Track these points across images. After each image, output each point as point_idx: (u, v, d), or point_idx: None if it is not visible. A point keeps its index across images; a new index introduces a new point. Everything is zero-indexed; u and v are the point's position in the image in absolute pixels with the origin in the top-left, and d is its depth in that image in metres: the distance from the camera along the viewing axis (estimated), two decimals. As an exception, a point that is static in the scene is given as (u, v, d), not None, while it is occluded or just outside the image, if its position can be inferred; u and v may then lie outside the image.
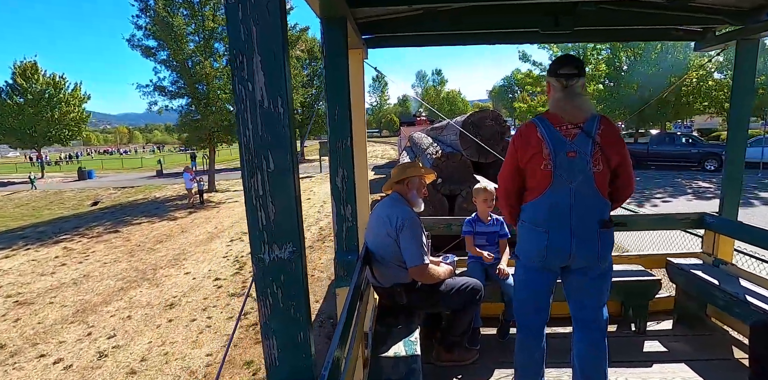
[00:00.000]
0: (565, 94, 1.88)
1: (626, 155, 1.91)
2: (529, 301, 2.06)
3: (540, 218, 1.90)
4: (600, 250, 1.88)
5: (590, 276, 1.94)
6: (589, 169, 1.82)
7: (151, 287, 8.04)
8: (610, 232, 1.91)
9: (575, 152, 1.82)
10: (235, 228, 11.99)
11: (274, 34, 1.00)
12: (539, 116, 1.93)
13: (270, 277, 1.10)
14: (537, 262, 1.96)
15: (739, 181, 3.01)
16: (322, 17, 2.17)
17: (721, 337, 2.80)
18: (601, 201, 1.87)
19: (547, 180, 1.85)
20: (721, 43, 3.12)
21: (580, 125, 1.84)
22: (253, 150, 1.05)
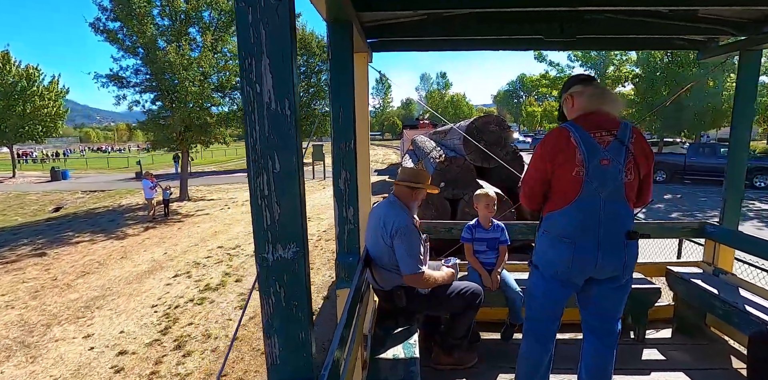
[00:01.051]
0: (598, 89, 1.88)
1: (652, 165, 1.89)
2: (546, 312, 2.01)
3: (567, 229, 1.83)
4: (626, 261, 1.83)
5: (612, 287, 1.90)
6: (621, 179, 1.78)
7: (24, 363, 5.29)
8: (636, 243, 1.86)
9: (609, 160, 1.77)
10: (188, 255, 9.29)
11: (283, 38, 1.02)
12: (571, 122, 1.87)
13: (273, 277, 1.12)
14: (561, 273, 1.89)
15: (740, 190, 3.02)
16: (329, 21, 2.20)
17: (719, 347, 2.80)
18: (629, 211, 1.82)
19: (576, 187, 1.79)
20: (724, 53, 3.14)
21: (614, 132, 1.80)
22: (260, 151, 1.06)
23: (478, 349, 2.77)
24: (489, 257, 2.87)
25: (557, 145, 1.81)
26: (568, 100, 1.95)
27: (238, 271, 8.16)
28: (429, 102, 67.92)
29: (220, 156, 43.26)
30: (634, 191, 1.84)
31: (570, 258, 1.83)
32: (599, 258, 1.80)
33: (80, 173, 30.04)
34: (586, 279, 1.91)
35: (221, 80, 15.14)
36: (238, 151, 45.32)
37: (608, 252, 1.80)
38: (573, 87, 1.92)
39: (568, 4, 2.31)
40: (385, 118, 75.79)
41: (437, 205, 5.25)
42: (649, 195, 1.95)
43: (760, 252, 2.76)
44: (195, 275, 8.06)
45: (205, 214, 13.84)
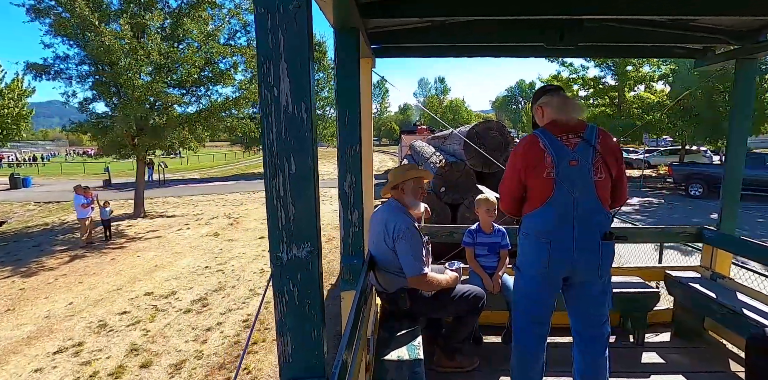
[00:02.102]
0: (562, 98, 1.99)
1: (623, 165, 1.96)
2: (530, 314, 2.05)
3: (543, 228, 1.91)
4: (600, 262, 1.89)
5: (592, 292, 1.95)
6: (591, 178, 1.86)
7: None
8: (611, 245, 1.92)
9: (577, 160, 1.86)
10: (99, 309, 6.61)
11: (301, 43, 1.05)
12: (540, 129, 1.98)
13: (287, 276, 1.14)
14: (540, 273, 1.96)
15: (737, 195, 3.07)
16: (336, 27, 2.24)
17: (718, 350, 2.83)
18: (602, 211, 1.89)
19: (549, 188, 1.88)
20: (721, 61, 3.20)
21: (581, 134, 1.90)
22: (276, 153, 1.09)
23: (479, 352, 2.79)
24: (490, 261, 2.90)
25: (528, 151, 1.93)
26: (539, 110, 2.06)
27: (154, 343, 5.42)
28: (427, 107, 67.86)
29: (207, 161, 41.72)
30: (606, 190, 1.90)
31: (548, 257, 1.90)
32: (575, 256, 1.87)
33: (49, 180, 26.93)
34: (566, 283, 1.97)
35: (183, 75, 12.70)
36: (227, 156, 44.05)
37: (584, 251, 1.87)
38: (541, 98, 2.04)
39: (568, 12, 2.37)
40: (382, 124, 75.19)
41: (438, 210, 5.29)
42: (624, 196, 2.03)
43: (757, 256, 2.80)
44: (87, 350, 5.33)
45: (156, 237, 11.19)
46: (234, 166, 36.07)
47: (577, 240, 1.86)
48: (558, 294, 2.04)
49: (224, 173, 29.81)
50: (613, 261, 1.96)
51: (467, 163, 5.36)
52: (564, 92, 2.04)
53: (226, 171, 31.72)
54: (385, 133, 75.00)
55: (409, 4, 2.38)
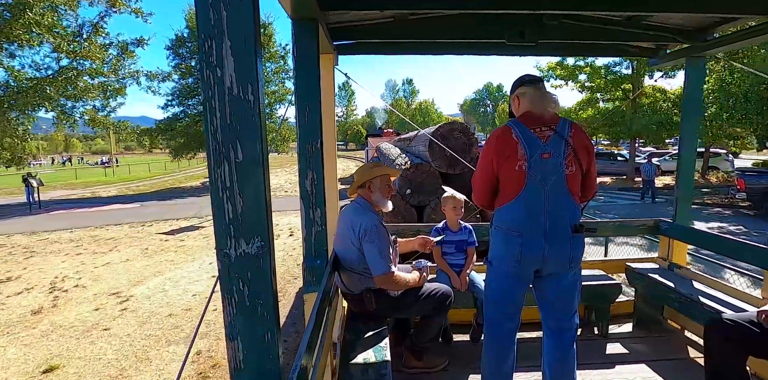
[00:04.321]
0: (540, 90, 1.98)
1: (594, 159, 1.97)
2: (501, 307, 2.04)
3: (514, 222, 1.90)
4: (571, 255, 1.89)
5: (562, 284, 1.96)
6: (563, 171, 1.85)
7: None
8: (581, 237, 1.93)
9: (549, 153, 1.85)
10: None
11: (246, 19, 0.97)
12: (513, 120, 1.96)
13: (236, 273, 1.05)
14: (511, 267, 1.94)
15: (690, 189, 3.19)
16: (294, 18, 2.15)
17: (677, 338, 2.91)
18: (573, 204, 1.89)
19: (521, 181, 1.86)
20: (673, 59, 3.33)
21: (553, 127, 1.89)
22: (221, 139, 1.00)
23: (448, 351, 2.75)
24: (458, 259, 2.87)
25: (500, 142, 1.90)
26: (515, 100, 2.04)
27: None
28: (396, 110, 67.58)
29: (143, 171, 35.56)
30: (577, 184, 1.90)
31: (519, 251, 1.89)
32: (546, 249, 1.86)
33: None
34: (537, 275, 1.97)
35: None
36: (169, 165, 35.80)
37: (555, 245, 1.86)
38: (519, 88, 2.02)
39: (527, 7, 2.38)
40: (348, 127, 73.29)
41: (403, 212, 5.25)
42: (593, 190, 2.04)
43: (710, 245, 2.92)
44: None
45: None
46: (171, 178, 29.87)
47: (548, 234, 1.85)
48: (528, 289, 2.03)
49: (149, 188, 23.29)
50: (583, 253, 1.97)
51: (432, 164, 5.36)
52: (543, 84, 2.02)
53: (154, 184, 25.37)
54: (352, 137, 72.68)
55: (368, -4, 2.32)
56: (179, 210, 14.84)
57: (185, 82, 23.02)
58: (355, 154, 56.02)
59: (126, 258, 8.75)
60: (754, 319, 1.89)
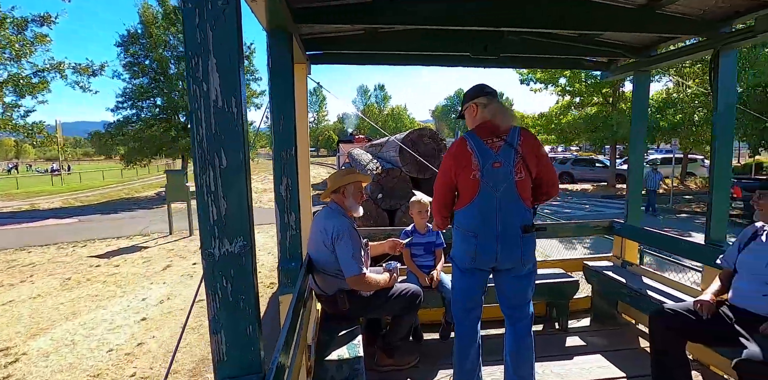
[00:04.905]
0: (497, 104, 2.15)
1: (546, 161, 2.13)
2: (463, 300, 2.23)
3: (470, 223, 2.09)
4: (522, 253, 2.07)
5: (516, 276, 2.14)
6: (513, 178, 2.03)
7: None
8: (532, 236, 2.11)
9: (500, 163, 2.02)
10: None
11: (230, 39, 1.07)
12: (468, 132, 2.15)
13: (219, 272, 1.13)
14: (468, 264, 2.14)
15: (639, 192, 3.46)
16: (269, 30, 2.25)
17: (629, 330, 3.14)
18: (522, 207, 2.06)
19: (475, 188, 2.04)
20: (623, 73, 3.61)
21: (504, 137, 2.06)
22: (206, 147, 1.09)
23: (419, 349, 2.87)
24: (426, 260, 3.00)
25: (457, 153, 2.09)
26: (473, 107, 2.19)
27: None
28: (367, 116, 66.37)
29: (98, 180, 31.85)
30: (526, 189, 2.07)
31: (474, 249, 2.08)
32: (499, 250, 2.04)
33: None
34: (495, 270, 2.15)
35: None
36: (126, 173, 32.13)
37: (506, 245, 2.04)
38: (478, 98, 2.17)
39: (490, 24, 2.56)
40: (319, 133, 72.01)
41: (375, 216, 5.36)
42: (554, 189, 2.19)
43: (656, 244, 3.18)
44: None
45: None
46: (126, 187, 26.67)
47: (500, 235, 2.04)
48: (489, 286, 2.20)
49: (98, 198, 20.58)
50: (534, 250, 2.15)
51: (403, 169, 5.50)
52: (498, 98, 2.21)
53: (105, 194, 22.41)
54: (323, 142, 71.58)
55: (340, 11, 2.44)
56: (124, 226, 12.61)
57: (139, 82, 20.64)
58: (326, 160, 53.60)
59: (37, 294, 6.72)
60: (691, 308, 2.10)
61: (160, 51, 19.84)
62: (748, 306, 1.98)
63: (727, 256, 2.22)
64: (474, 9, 2.50)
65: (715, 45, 2.64)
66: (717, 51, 2.63)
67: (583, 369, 2.60)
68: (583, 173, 22.29)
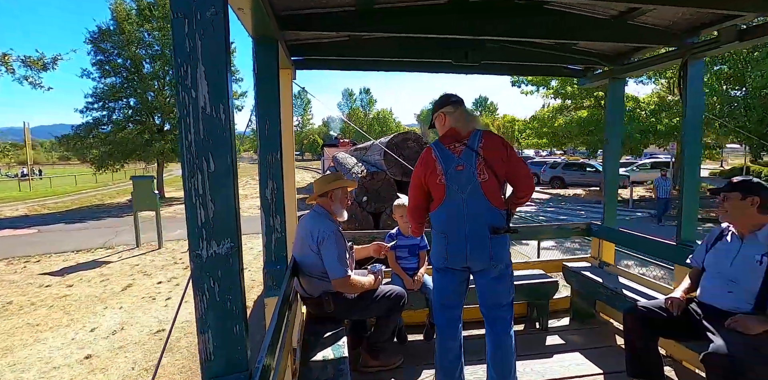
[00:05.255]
0: (464, 112, 2.27)
1: (514, 160, 2.17)
2: (440, 299, 2.30)
3: (440, 225, 2.19)
4: (491, 254, 2.12)
5: (487, 278, 2.19)
6: (476, 180, 2.11)
7: None
8: (501, 238, 2.16)
9: (462, 165, 2.12)
10: None
11: (218, 47, 1.11)
12: (435, 141, 2.28)
13: (207, 272, 1.17)
14: (441, 264, 2.23)
15: (615, 195, 3.58)
16: (255, 37, 2.29)
17: (606, 328, 3.25)
18: (490, 208, 2.12)
19: (442, 191, 2.15)
20: (598, 80, 3.75)
21: (465, 142, 2.16)
22: (194, 152, 1.13)
23: (403, 350, 2.91)
24: (410, 263, 3.06)
25: (425, 160, 2.24)
26: (441, 116, 2.32)
27: None
28: (352, 119, 64.63)
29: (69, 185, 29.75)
30: (493, 190, 2.13)
31: (445, 249, 2.18)
32: (468, 250, 2.13)
33: None
34: (471, 271, 2.22)
35: None
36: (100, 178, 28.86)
37: (475, 246, 2.12)
38: (445, 107, 2.29)
39: (472, 33, 2.65)
40: (304, 136, 70.54)
41: (360, 219, 5.40)
42: (524, 189, 2.21)
43: (631, 245, 3.30)
44: None
45: None
46: (99, 192, 24.86)
47: (468, 236, 2.12)
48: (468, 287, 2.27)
49: (69, 205, 19.17)
50: (506, 251, 2.19)
51: (387, 172, 5.57)
52: (464, 105, 2.32)
53: (76, 200, 20.91)
54: (308, 146, 70.43)
55: (324, 19, 2.50)
56: (87, 237, 11.23)
57: (111, 81, 18.96)
58: (311, 164, 52.81)
59: None
60: (663, 306, 2.20)
61: (133, 49, 18.34)
62: (715, 302, 2.08)
63: (696, 256, 2.32)
64: (455, 18, 2.59)
65: (684, 54, 2.78)
66: (685, 60, 2.76)
67: (562, 367, 2.68)
68: (574, 178, 21.87)
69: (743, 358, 1.74)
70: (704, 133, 14.32)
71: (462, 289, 2.28)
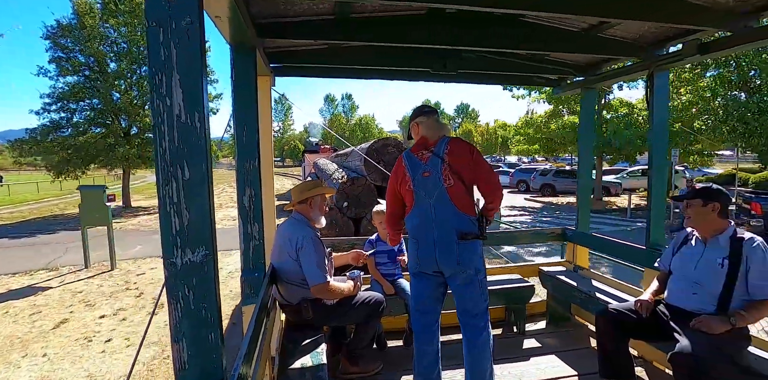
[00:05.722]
0: (435, 121, 2.36)
1: (480, 167, 2.20)
2: (416, 303, 2.34)
3: (412, 230, 2.26)
4: (458, 259, 2.15)
5: (457, 283, 2.22)
6: (442, 185, 2.17)
7: None
8: (471, 244, 2.17)
9: (429, 172, 2.20)
10: None
11: (194, 56, 1.12)
12: (406, 150, 2.37)
13: (182, 280, 1.16)
14: (415, 268, 2.29)
15: (588, 201, 3.69)
16: (233, 44, 2.29)
17: (581, 330, 3.32)
18: (457, 214, 2.15)
19: (411, 197, 2.24)
20: (571, 89, 3.86)
21: (431, 149, 2.23)
22: (169, 160, 1.13)
23: (383, 357, 2.92)
24: (390, 268, 3.08)
25: (396, 169, 2.35)
26: (415, 126, 2.40)
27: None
28: (334, 125, 64.48)
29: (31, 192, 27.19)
30: (460, 195, 2.17)
31: (416, 253, 2.25)
32: (437, 255, 2.18)
33: None
34: (445, 277, 2.25)
35: None
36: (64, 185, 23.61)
37: (443, 250, 2.17)
38: (418, 117, 2.39)
39: (449, 43, 2.71)
40: (285, 142, 68.51)
41: (341, 225, 5.41)
42: (490, 194, 2.23)
43: (602, 249, 3.40)
44: None
45: None
46: (61, 201, 22.46)
47: (437, 241, 2.17)
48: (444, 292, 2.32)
49: (25, 215, 17.34)
50: (475, 257, 2.20)
51: (368, 178, 5.59)
52: (437, 115, 2.41)
53: (34, 210, 19.10)
54: (289, 152, 68.00)
55: (303, 28, 2.52)
56: (31, 256, 9.34)
57: (72, 80, 16.95)
58: (292, 170, 50.92)
59: None
60: (632, 307, 2.28)
61: (96, 45, 16.30)
62: (681, 304, 2.16)
63: (663, 259, 2.41)
64: (432, 28, 2.65)
65: (650, 66, 2.90)
66: (651, 72, 2.89)
67: (538, 370, 2.73)
68: (565, 185, 20.89)
69: (707, 357, 1.82)
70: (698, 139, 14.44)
71: (437, 294, 2.30)
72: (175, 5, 1.09)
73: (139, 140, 17.34)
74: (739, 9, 2.31)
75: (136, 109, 17.05)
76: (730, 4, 2.29)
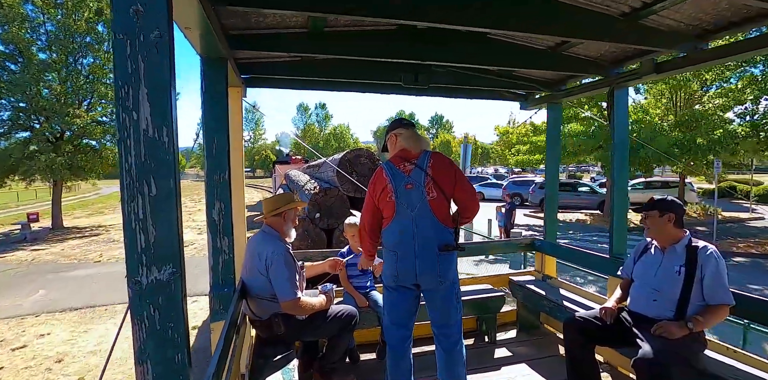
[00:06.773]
0: (415, 134, 2.36)
1: (460, 181, 2.25)
2: (390, 316, 2.31)
3: (391, 242, 2.23)
4: (439, 271, 2.18)
5: (436, 296, 2.24)
6: (424, 198, 2.19)
7: None
8: (450, 255, 2.23)
9: (412, 184, 2.20)
10: None
11: (162, 69, 1.10)
12: (386, 161, 2.35)
13: (147, 300, 1.12)
14: (392, 282, 2.26)
15: (555, 213, 3.81)
16: (204, 55, 2.26)
17: (550, 339, 3.39)
18: (438, 226, 2.19)
19: (392, 208, 2.21)
20: (538, 104, 4.01)
21: (414, 161, 2.25)
22: (135, 175, 1.10)
23: (355, 371, 2.88)
24: (362, 281, 3.06)
25: (377, 180, 2.31)
26: (393, 137, 2.41)
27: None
28: (308, 135, 63.08)
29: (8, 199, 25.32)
30: (441, 208, 2.21)
31: (395, 266, 2.22)
32: (418, 266, 2.18)
33: None
34: (421, 289, 2.25)
35: None
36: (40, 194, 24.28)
37: (425, 261, 2.17)
38: (397, 129, 2.40)
39: (419, 58, 2.77)
40: (256, 152, 66.91)
41: (313, 236, 5.35)
42: (470, 207, 2.29)
43: (568, 258, 3.50)
44: None
45: None
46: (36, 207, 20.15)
47: (417, 252, 2.17)
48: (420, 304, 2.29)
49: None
50: (452, 268, 2.24)
51: (341, 188, 5.58)
52: (415, 128, 2.42)
53: None
54: (260, 163, 66.29)
55: (275, 40, 2.52)
56: None
57: None
58: (263, 181, 48.42)
59: None
60: (598, 315, 2.35)
61: (14, 29, 13.20)
62: (642, 310, 2.25)
63: (626, 267, 2.51)
64: (403, 43, 2.71)
65: (611, 83, 3.05)
66: (612, 89, 3.04)
67: (509, 379, 2.76)
68: (566, 199, 18.15)
69: (667, 362, 1.89)
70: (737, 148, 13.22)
71: (413, 308, 2.30)
72: (144, 17, 1.07)
73: (70, 147, 14.44)
74: (690, 32, 2.48)
75: (67, 108, 13.96)
76: (682, 28, 2.45)
